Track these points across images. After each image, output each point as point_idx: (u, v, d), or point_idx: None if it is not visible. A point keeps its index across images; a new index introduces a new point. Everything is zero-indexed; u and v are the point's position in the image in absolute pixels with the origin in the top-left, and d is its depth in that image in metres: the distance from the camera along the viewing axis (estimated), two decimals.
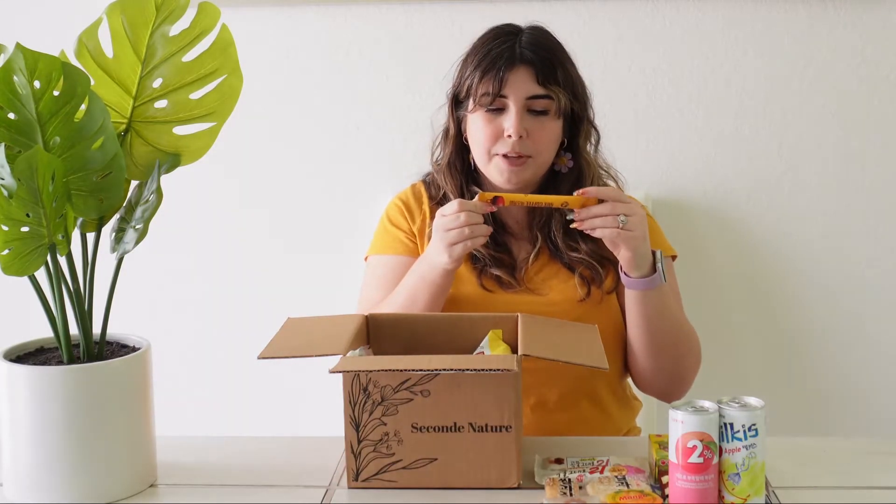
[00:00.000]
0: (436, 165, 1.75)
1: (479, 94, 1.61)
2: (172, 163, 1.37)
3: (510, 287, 1.64)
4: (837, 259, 2.14)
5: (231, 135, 1.44)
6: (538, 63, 1.60)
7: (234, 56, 1.35)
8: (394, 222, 1.74)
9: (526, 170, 1.63)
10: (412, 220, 1.73)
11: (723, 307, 2.17)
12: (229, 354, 2.21)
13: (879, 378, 2.18)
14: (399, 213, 1.75)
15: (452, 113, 1.69)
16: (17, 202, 1.19)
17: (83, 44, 1.31)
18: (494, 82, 1.60)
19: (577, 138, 1.68)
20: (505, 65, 1.60)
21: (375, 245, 1.76)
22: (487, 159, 1.63)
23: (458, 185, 1.70)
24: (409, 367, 1.27)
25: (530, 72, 1.60)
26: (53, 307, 1.30)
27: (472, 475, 1.28)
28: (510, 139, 1.60)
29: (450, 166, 1.71)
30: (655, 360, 1.63)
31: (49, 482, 1.26)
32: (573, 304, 1.62)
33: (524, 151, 1.61)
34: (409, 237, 1.72)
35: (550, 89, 1.60)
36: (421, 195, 1.76)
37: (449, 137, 1.71)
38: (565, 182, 1.68)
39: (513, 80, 1.60)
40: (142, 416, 1.32)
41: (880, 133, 2.10)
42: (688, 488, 1.20)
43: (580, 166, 1.69)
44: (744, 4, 2.08)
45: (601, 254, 1.64)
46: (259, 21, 2.12)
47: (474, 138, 1.65)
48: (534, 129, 1.61)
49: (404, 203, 1.75)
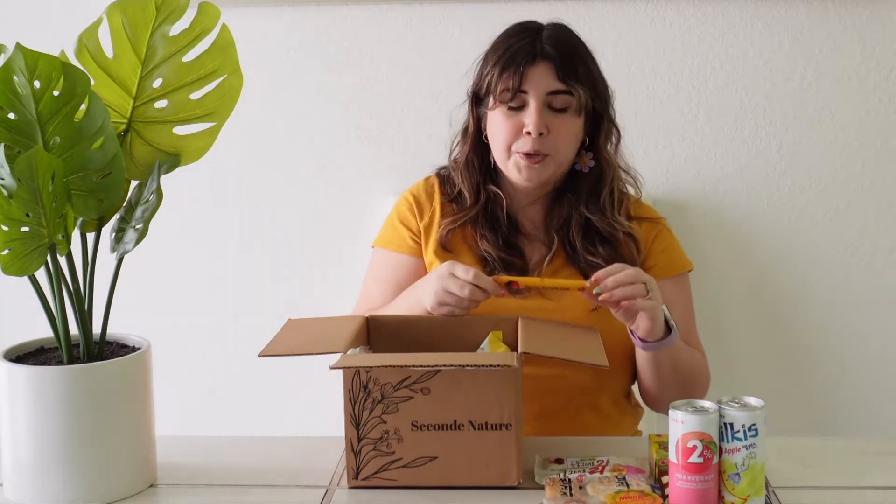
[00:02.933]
0: (453, 163, 1.74)
1: (500, 90, 1.59)
2: (172, 163, 1.37)
3: (519, 293, 1.59)
4: (837, 259, 2.14)
5: (231, 135, 1.44)
6: (558, 59, 1.59)
7: (234, 56, 1.35)
8: (402, 220, 1.73)
9: (545, 168, 1.61)
10: (421, 216, 1.72)
11: (723, 307, 2.17)
12: (229, 354, 2.21)
13: (879, 378, 2.18)
14: (408, 209, 1.73)
15: (473, 110, 1.68)
16: (17, 202, 1.19)
17: (83, 44, 1.31)
18: (515, 78, 1.58)
19: (598, 137, 1.66)
20: (525, 60, 1.58)
21: (382, 237, 1.75)
22: (506, 156, 1.62)
23: (475, 184, 1.68)
24: (409, 364, 1.27)
25: (550, 67, 1.59)
26: (53, 307, 1.30)
27: (472, 473, 1.28)
28: (529, 136, 1.58)
29: (467, 164, 1.69)
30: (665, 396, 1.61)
31: (49, 482, 1.26)
32: (585, 312, 1.58)
33: (543, 150, 1.59)
34: (415, 237, 1.71)
35: (570, 85, 1.59)
36: (433, 190, 1.74)
37: (468, 135, 1.69)
38: (585, 182, 1.66)
39: (533, 75, 1.58)
40: (142, 416, 1.32)
41: (880, 133, 2.10)
42: (688, 488, 1.20)
43: (601, 166, 1.67)
44: (743, 4, 2.08)
45: (618, 261, 1.59)
46: (259, 21, 2.12)
47: (494, 135, 1.63)
48: (554, 125, 1.59)
49: (415, 198, 1.74)
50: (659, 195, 2.11)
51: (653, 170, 2.12)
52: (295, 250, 2.20)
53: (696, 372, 1.64)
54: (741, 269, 2.16)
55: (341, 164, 2.17)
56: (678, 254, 1.72)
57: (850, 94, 2.09)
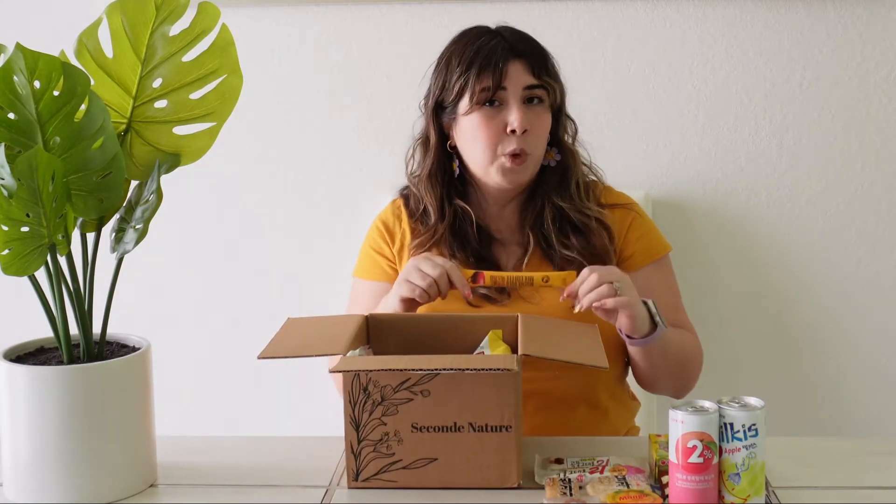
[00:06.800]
0: (413, 178, 1.72)
1: (478, 89, 1.59)
2: (172, 163, 1.37)
3: (498, 302, 1.61)
4: (837, 259, 2.14)
5: (231, 135, 1.44)
6: (530, 54, 1.61)
7: (234, 56, 1.35)
8: (375, 248, 1.73)
9: (525, 170, 1.62)
10: (392, 242, 1.72)
11: (723, 307, 2.17)
12: (229, 354, 2.21)
13: (879, 378, 2.18)
14: (380, 236, 1.73)
15: (433, 121, 1.67)
16: (17, 202, 1.19)
17: (83, 44, 1.31)
18: (494, 75, 1.58)
19: (559, 131, 1.68)
20: (501, 58, 1.59)
21: (360, 267, 1.76)
22: (490, 160, 1.61)
23: (440, 197, 1.67)
24: (409, 367, 1.27)
25: (525, 64, 1.60)
26: (53, 307, 1.30)
27: (472, 475, 1.28)
28: (514, 135, 1.58)
29: (430, 178, 1.68)
30: (660, 381, 1.65)
31: (49, 482, 1.26)
32: (566, 312, 1.56)
33: (527, 148, 1.60)
34: (390, 264, 1.71)
35: (545, 80, 1.61)
36: (400, 212, 1.73)
37: (430, 147, 1.68)
38: (553, 176, 1.67)
39: (511, 71, 1.59)
40: (142, 417, 1.32)
41: (880, 133, 2.10)
42: (688, 488, 1.20)
43: (566, 158, 1.68)
44: (744, 4, 2.08)
45: (591, 251, 1.63)
46: (259, 21, 2.12)
47: (474, 141, 1.61)
48: (532, 122, 1.60)
49: (385, 225, 1.73)
50: (659, 195, 2.12)
51: (653, 170, 2.13)
52: (295, 250, 2.20)
53: (688, 353, 1.66)
54: (741, 269, 2.16)
55: (341, 164, 2.17)
56: (655, 238, 1.72)
57: (850, 94, 2.09)
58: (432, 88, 1.67)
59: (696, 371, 1.69)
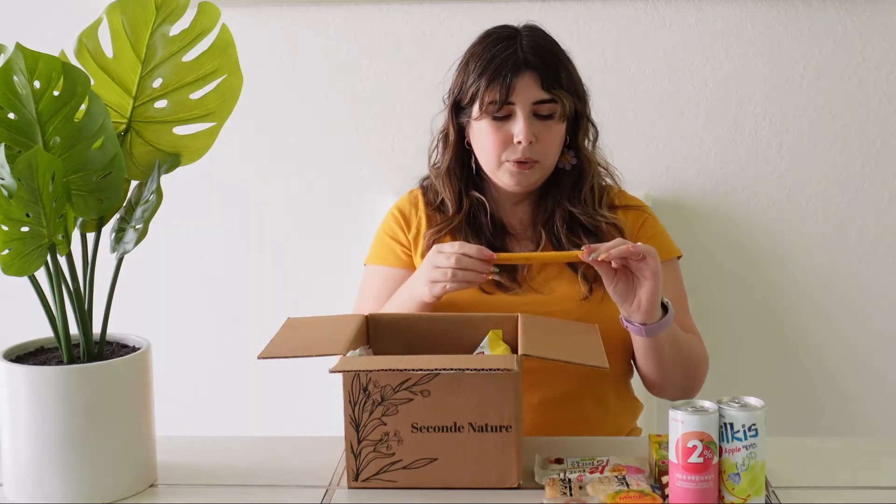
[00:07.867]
0: (434, 170, 1.74)
1: (486, 101, 1.60)
2: (172, 163, 1.37)
3: (510, 290, 1.63)
4: (837, 259, 2.14)
5: (231, 135, 1.44)
6: (542, 68, 1.60)
7: (234, 56, 1.35)
8: (390, 234, 1.74)
9: (534, 174, 1.64)
10: (408, 228, 1.73)
11: (723, 307, 2.17)
12: (229, 354, 2.21)
13: (879, 378, 2.18)
14: (396, 223, 1.74)
15: (453, 118, 1.69)
16: (17, 202, 1.19)
17: (83, 44, 1.31)
18: (502, 90, 1.59)
19: (578, 136, 1.68)
20: (511, 71, 1.59)
21: (372, 254, 1.76)
22: (497, 165, 1.63)
23: (457, 191, 1.70)
24: (409, 367, 1.27)
25: (535, 77, 1.60)
26: (53, 307, 1.30)
27: (472, 475, 1.28)
28: (520, 145, 1.60)
29: (449, 172, 1.70)
30: (669, 380, 1.63)
31: (49, 482, 1.26)
32: (576, 302, 1.61)
33: (533, 156, 1.61)
34: (405, 250, 1.72)
35: (555, 94, 1.60)
36: (417, 201, 1.75)
37: (449, 143, 1.70)
38: (567, 179, 1.69)
39: (519, 86, 1.59)
40: (141, 416, 1.32)
41: (880, 133, 2.10)
42: (688, 488, 1.20)
43: (582, 163, 1.69)
44: (744, 4, 2.08)
45: None
46: (259, 21, 2.12)
47: (482, 145, 1.64)
48: (541, 133, 1.61)
49: (401, 212, 1.75)
50: (659, 195, 2.12)
51: (653, 170, 2.13)
52: (295, 250, 2.20)
53: (696, 353, 1.66)
54: (741, 269, 2.16)
55: (341, 164, 2.17)
56: (666, 240, 1.73)
57: (850, 94, 2.09)
58: (452, 87, 1.68)
59: (702, 374, 1.68)
